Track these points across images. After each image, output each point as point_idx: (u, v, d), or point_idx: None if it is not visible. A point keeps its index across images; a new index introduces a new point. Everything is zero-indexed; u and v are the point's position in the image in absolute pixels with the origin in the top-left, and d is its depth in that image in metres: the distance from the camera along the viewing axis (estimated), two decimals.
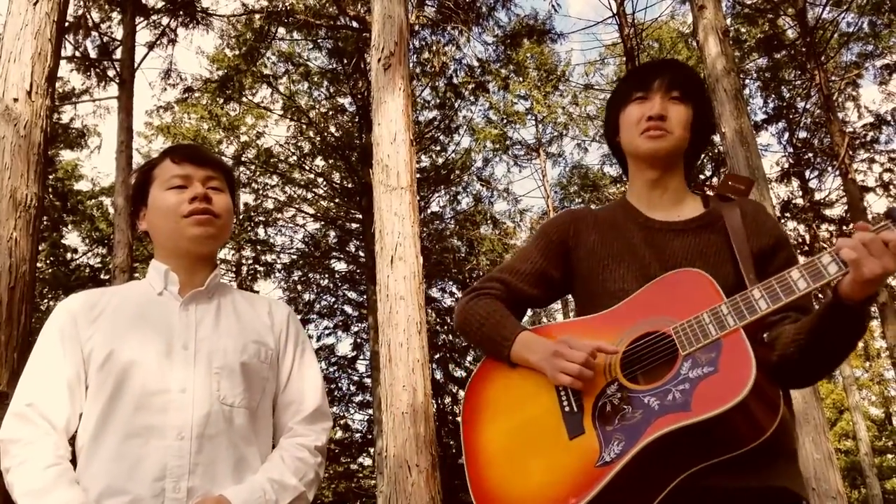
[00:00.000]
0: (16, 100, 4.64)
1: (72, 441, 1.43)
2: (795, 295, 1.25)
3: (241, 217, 15.97)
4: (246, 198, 16.41)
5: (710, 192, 1.64)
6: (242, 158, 16.11)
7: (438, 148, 16.93)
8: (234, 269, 17.74)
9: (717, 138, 14.64)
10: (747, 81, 15.22)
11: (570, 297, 1.68)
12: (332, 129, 16.09)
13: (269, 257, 17.73)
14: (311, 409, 1.58)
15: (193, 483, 1.36)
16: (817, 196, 15.55)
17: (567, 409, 1.37)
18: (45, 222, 13.81)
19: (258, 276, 17.79)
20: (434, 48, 13.60)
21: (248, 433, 1.47)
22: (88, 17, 11.21)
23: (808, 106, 15.13)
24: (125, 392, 1.40)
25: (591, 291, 1.53)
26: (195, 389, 1.42)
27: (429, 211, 17.14)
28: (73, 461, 1.41)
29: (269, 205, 17.08)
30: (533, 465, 1.35)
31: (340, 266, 18.25)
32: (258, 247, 17.58)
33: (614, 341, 1.38)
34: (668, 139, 1.52)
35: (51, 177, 14.84)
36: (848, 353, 1.36)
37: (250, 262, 17.94)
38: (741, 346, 1.24)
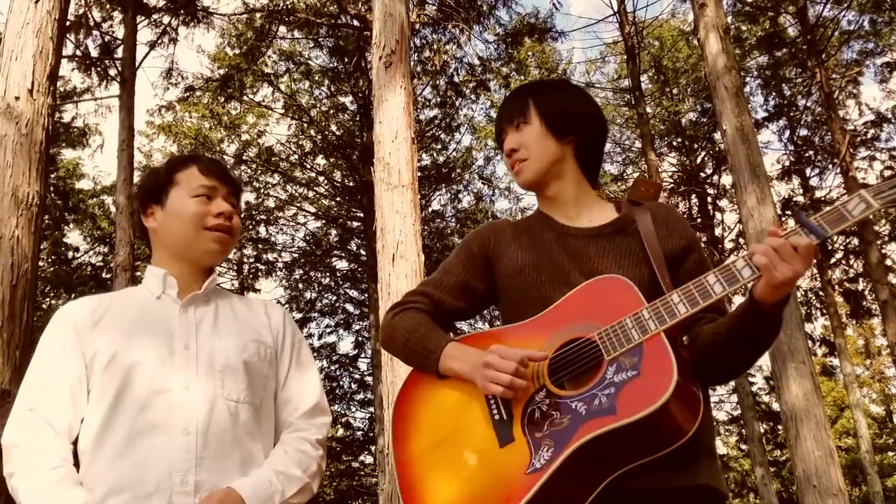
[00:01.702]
0: (17, 98, 4.64)
1: (74, 446, 1.44)
2: (712, 299, 1.30)
3: (241, 216, 15.95)
4: (247, 196, 16.44)
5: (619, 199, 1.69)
6: (244, 157, 16.12)
7: (439, 146, 16.94)
8: (235, 268, 17.76)
9: (718, 136, 14.63)
10: (748, 79, 15.22)
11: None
12: (333, 127, 16.10)
13: (270, 256, 17.75)
14: (310, 404, 1.61)
15: (201, 477, 1.38)
16: (818, 194, 15.57)
17: (497, 417, 1.38)
18: (46, 221, 13.84)
19: (259, 274, 17.81)
20: (435, 46, 13.60)
21: (252, 429, 1.49)
22: (90, 15, 11.22)
23: (808, 104, 15.13)
24: (129, 393, 1.42)
25: (514, 300, 1.55)
26: (199, 387, 1.44)
27: (430, 209, 17.15)
28: (76, 465, 1.42)
29: (271, 203, 17.09)
30: (465, 476, 1.36)
31: (342, 264, 18.28)
32: (259, 245, 17.59)
33: (541, 348, 1.40)
34: (528, 170, 1.59)
35: (52, 175, 14.85)
36: (763, 352, 1.41)
37: (252, 260, 17.96)
38: (662, 349, 1.28)
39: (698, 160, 17.23)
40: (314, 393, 1.63)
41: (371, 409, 17.66)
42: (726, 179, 15.54)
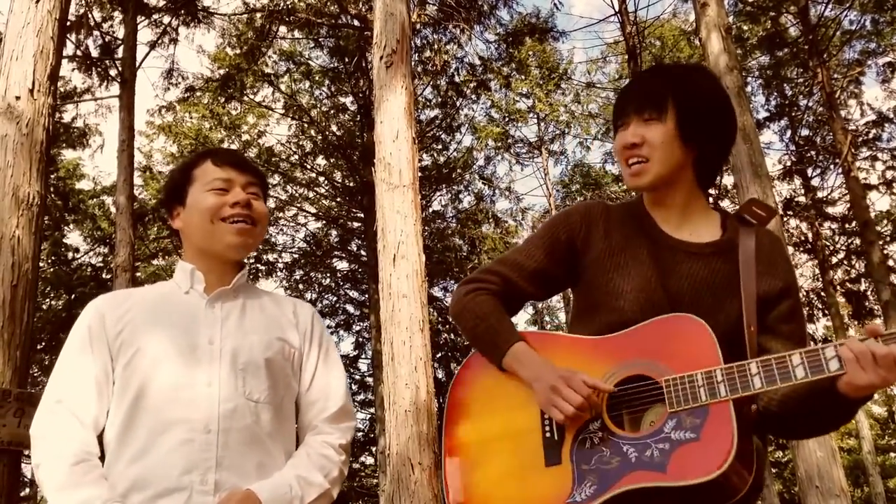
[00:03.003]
0: (18, 98, 4.63)
1: (99, 437, 1.46)
2: (791, 382, 1.24)
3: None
4: None
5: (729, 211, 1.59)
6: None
7: (440, 146, 16.94)
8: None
9: None
10: (749, 79, 15.20)
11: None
12: (334, 127, 16.10)
13: (270, 256, 17.73)
14: (336, 407, 1.59)
15: (220, 476, 1.38)
16: (820, 194, 15.54)
17: (548, 434, 1.38)
18: (46, 221, 13.82)
19: (260, 275, 17.79)
20: (436, 46, 13.59)
21: (272, 429, 1.48)
22: (90, 15, 11.21)
23: (810, 104, 15.11)
24: (152, 387, 1.42)
25: (591, 301, 1.51)
26: (221, 384, 1.44)
27: (430, 209, 17.14)
28: (102, 457, 1.44)
29: (271, 204, 16.94)
30: (508, 481, 1.38)
31: (342, 265, 18.28)
32: (260, 246, 17.55)
33: (604, 374, 1.37)
34: (647, 174, 1.46)
35: (52, 176, 14.85)
36: (826, 432, 1.40)
37: (252, 261, 17.94)
38: (727, 420, 1.24)
39: (718, 165, 17.15)
40: (340, 396, 1.61)
41: (372, 410, 17.65)
42: (728, 179, 15.53)
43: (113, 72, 11.51)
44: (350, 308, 18.64)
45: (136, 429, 1.40)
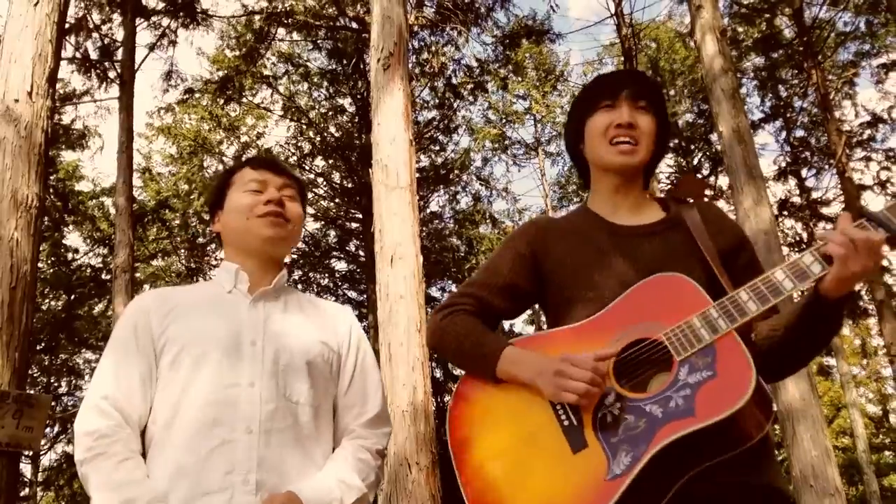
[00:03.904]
0: (17, 100, 4.65)
1: (142, 434, 1.46)
2: (783, 295, 1.27)
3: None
4: None
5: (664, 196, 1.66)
6: (243, 159, 16.09)
7: (438, 148, 16.96)
8: None
9: (714, 137, 14.65)
10: (744, 80, 15.25)
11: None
12: (332, 129, 16.12)
13: None
14: (374, 412, 1.61)
15: (262, 476, 1.38)
16: (814, 195, 15.58)
17: (566, 422, 1.34)
18: (46, 223, 13.81)
19: None
20: (433, 49, 13.63)
21: (311, 431, 1.49)
22: (89, 18, 11.23)
23: (805, 105, 15.17)
24: (195, 386, 1.43)
25: (566, 299, 1.51)
26: (262, 385, 1.45)
27: (428, 210, 17.17)
28: (144, 454, 1.44)
29: None
30: (538, 484, 1.31)
31: (340, 266, 18.30)
32: None
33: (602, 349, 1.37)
34: (638, 154, 1.52)
35: (52, 177, 14.85)
36: (822, 349, 1.40)
37: None
38: (737, 349, 1.25)
39: (695, 161, 17.26)
40: (377, 401, 1.62)
41: None
42: (723, 180, 15.57)
43: (112, 74, 11.54)
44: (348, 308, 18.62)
45: (180, 427, 1.41)
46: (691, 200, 1.58)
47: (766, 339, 1.38)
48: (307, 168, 16.68)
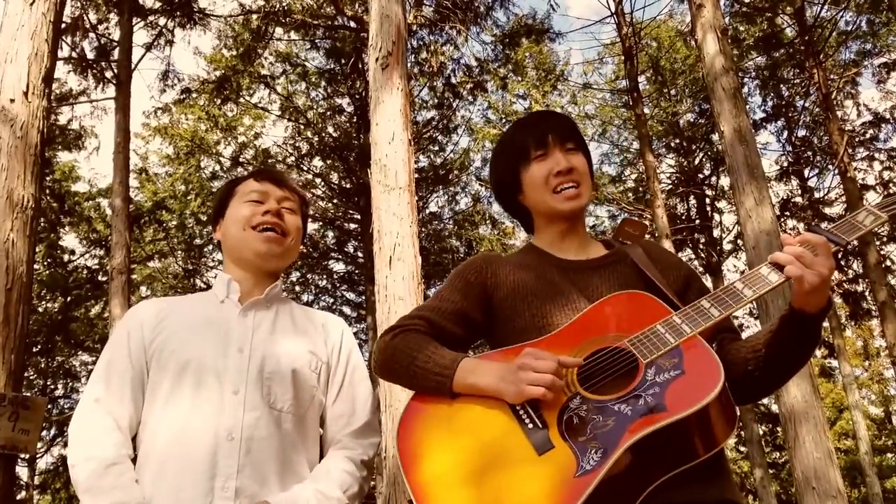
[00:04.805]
0: (12, 100, 4.62)
1: (133, 439, 1.51)
2: (744, 301, 1.30)
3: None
4: None
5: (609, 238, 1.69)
6: (240, 159, 16.08)
7: (437, 148, 16.95)
8: None
9: (716, 137, 14.61)
10: (746, 80, 15.24)
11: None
12: (330, 129, 16.08)
13: None
14: (361, 423, 1.61)
15: (241, 483, 1.41)
16: (816, 195, 15.58)
17: (530, 425, 1.29)
18: (42, 224, 13.79)
19: None
20: (432, 48, 13.58)
21: (295, 439, 1.51)
22: (85, 17, 11.19)
23: (806, 104, 15.15)
24: (181, 392, 1.47)
25: (518, 330, 1.47)
26: (247, 392, 1.48)
27: (427, 211, 17.14)
28: (134, 458, 1.48)
29: None
30: (503, 488, 1.24)
31: (339, 267, 18.27)
32: None
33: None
34: (583, 195, 1.55)
35: (48, 178, 14.80)
36: (802, 366, 1.41)
37: None
38: (702, 348, 1.27)
39: (696, 161, 17.25)
40: (366, 411, 1.63)
41: None
42: (724, 180, 15.56)
43: (108, 74, 11.49)
44: (347, 310, 18.63)
45: (164, 431, 1.44)
46: (629, 243, 1.62)
47: (749, 358, 1.39)
48: (305, 168, 16.66)
